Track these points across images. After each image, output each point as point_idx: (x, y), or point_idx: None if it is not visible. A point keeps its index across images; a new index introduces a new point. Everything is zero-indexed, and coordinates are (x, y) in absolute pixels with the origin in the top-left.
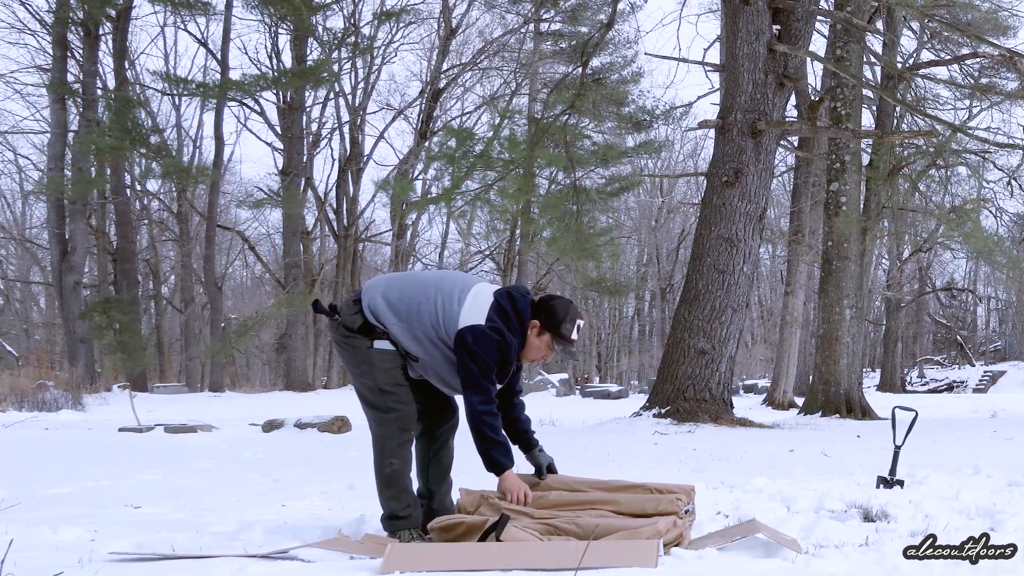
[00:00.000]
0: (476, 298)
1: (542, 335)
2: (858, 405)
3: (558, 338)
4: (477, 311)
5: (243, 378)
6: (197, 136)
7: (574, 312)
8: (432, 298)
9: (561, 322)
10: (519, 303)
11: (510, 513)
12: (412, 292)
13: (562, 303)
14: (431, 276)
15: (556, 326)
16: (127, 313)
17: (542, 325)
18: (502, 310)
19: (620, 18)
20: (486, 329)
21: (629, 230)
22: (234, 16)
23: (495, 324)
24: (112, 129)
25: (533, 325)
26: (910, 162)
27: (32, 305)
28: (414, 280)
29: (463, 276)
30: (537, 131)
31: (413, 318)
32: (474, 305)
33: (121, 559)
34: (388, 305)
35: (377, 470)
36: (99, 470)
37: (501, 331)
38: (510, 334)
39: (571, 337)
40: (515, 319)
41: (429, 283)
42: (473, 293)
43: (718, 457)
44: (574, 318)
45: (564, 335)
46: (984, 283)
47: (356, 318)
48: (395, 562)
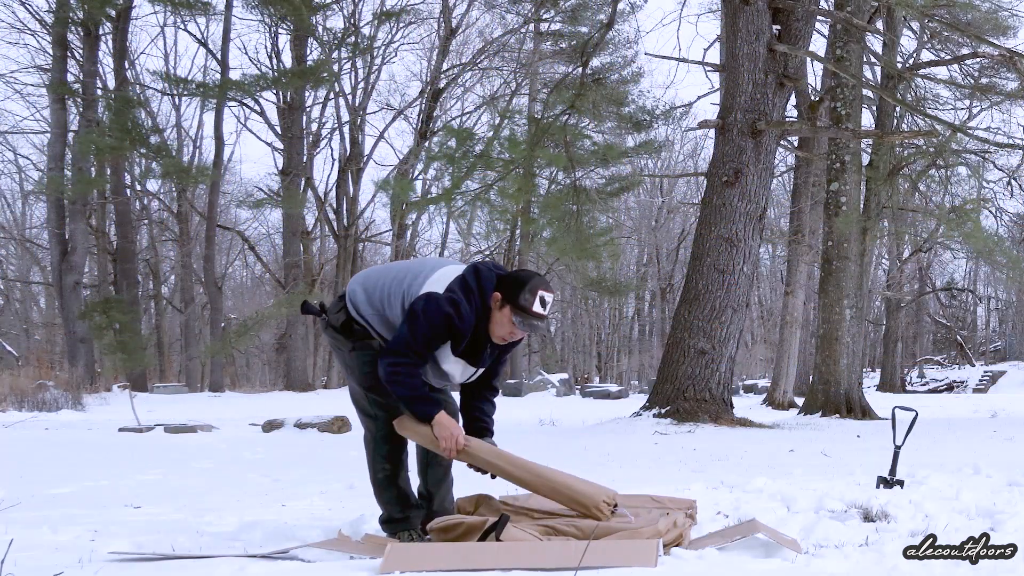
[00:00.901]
0: (443, 274)
1: (503, 308)
2: (858, 405)
3: (517, 309)
4: (440, 283)
5: (243, 378)
6: (197, 136)
7: (537, 284)
8: (402, 281)
9: (519, 292)
10: (483, 275)
11: (510, 513)
12: (386, 280)
13: (526, 274)
14: (410, 263)
15: (515, 296)
16: (127, 313)
17: (503, 297)
18: (464, 282)
19: (620, 18)
20: (441, 297)
21: (629, 230)
22: (234, 16)
23: (453, 295)
24: (112, 129)
25: (495, 298)
26: (910, 162)
27: (32, 305)
28: (393, 269)
29: (441, 261)
30: (537, 131)
31: (386, 305)
32: (441, 278)
33: (121, 559)
34: (366, 295)
35: (371, 474)
36: (99, 470)
37: (457, 302)
38: (467, 306)
39: (531, 309)
40: (476, 291)
41: (404, 269)
42: (441, 271)
43: (718, 457)
44: (535, 289)
45: (522, 306)
46: (984, 283)
47: (340, 315)
48: (395, 562)
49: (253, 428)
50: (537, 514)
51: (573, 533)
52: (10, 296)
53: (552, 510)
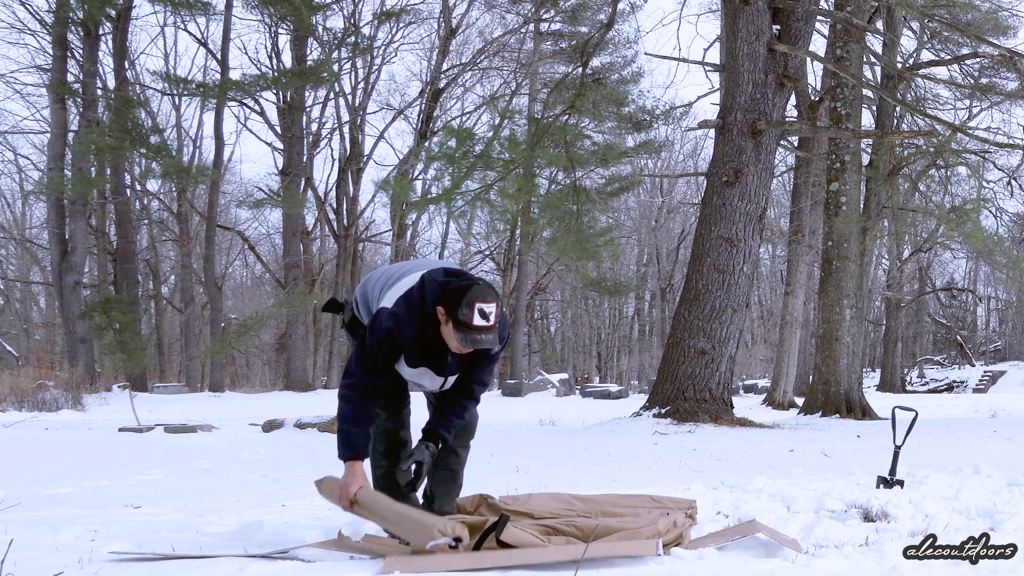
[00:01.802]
0: (402, 285)
1: (447, 322)
2: (858, 405)
3: (458, 325)
4: (393, 295)
5: (243, 378)
6: (197, 136)
7: (473, 296)
8: (383, 288)
9: (458, 307)
10: (427, 288)
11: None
12: (379, 283)
13: (462, 286)
14: (397, 267)
15: (454, 312)
16: (127, 313)
17: (446, 311)
18: (409, 295)
19: (620, 18)
20: (387, 312)
21: (629, 230)
22: (234, 16)
23: (396, 310)
24: (112, 129)
25: (440, 312)
26: (910, 162)
27: (32, 305)
28: (390, 270)
29: (423, 263)
30: (537, 131)
31: (372, 307)
32: (397, 291)
33: (121, 559)
34: (363, 296)
35: (372, 474)
36: (99, 470)
37: (398, 317)
38: (409, 320)
39: (471, 323)
40: (418, 305)
41: (388, 274)
42: (403, 281)
43: (718, 457)
44: (472, 303)
45: (462, 321)
46: (984, 283)
47: (348, 314)
48: (396, 562)
49: (253, 428)
50: (537, 514)
51: (573, 533)
52: (10, 296)
53: (553, 511)
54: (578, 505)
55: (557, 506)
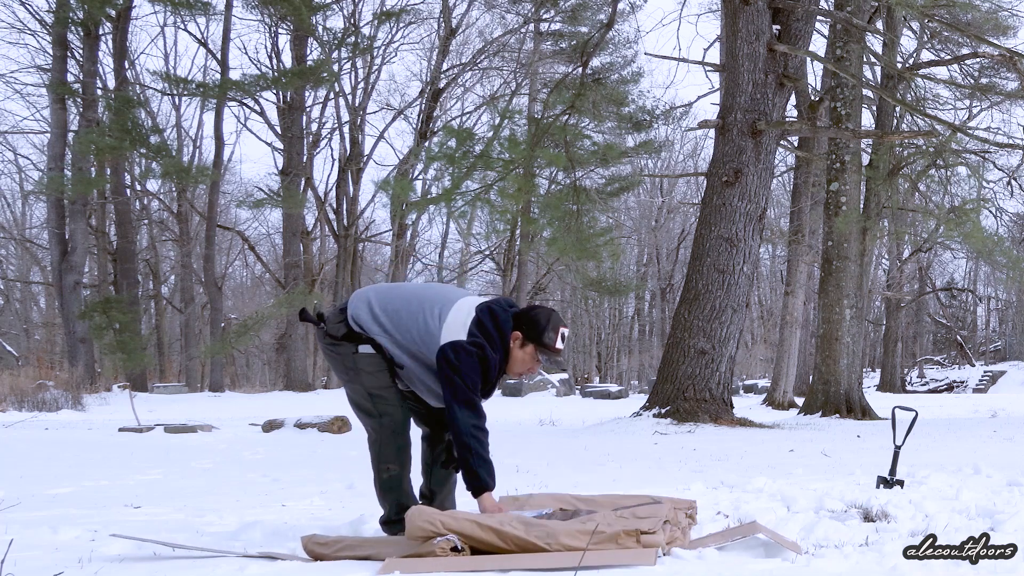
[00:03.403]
0: (457, 314)
1: (525, 346)
2: (858, 405)
3: (541, 348)
4: (458, 327)
5: (243, 378)
6: (197, 136)
7: (556, 320)
8: (415, 313)
9: (543, 331)
10: (500, 316)
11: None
12: (396, 304)
13: (543, 312)
14: (416, 289)
15: (538, 336)
16: (127, 313)
17: (524, 336)
18: (483, 325)
19: (620, 18)
20: (467, 344)
21: (629, 230)
22: (234, 16)
23: (476, 339)
24: (112, 129)
25: (515, 337)
26: (910, 162)
27: (32, 305)
28: (399, 292)
29: (447, 290)
30: (537, 131)
31: (395, 330)
32: (455, 321)
33: (121, 559)
34: (372, 316)
35: (375, 475)
36: (99, 470)
37: (482, 346)
38: (491, 349)
39: (555, 346)
40: (495, 333)
41: (413, 297)
42: (455, 309)
43: (718, 457)
44: (557, 326)
45: (547, 344)
46: (984, 283)
47: (340, 327)
48: (395, 563)
49: (253, 428)
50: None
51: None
52: (10, 296)
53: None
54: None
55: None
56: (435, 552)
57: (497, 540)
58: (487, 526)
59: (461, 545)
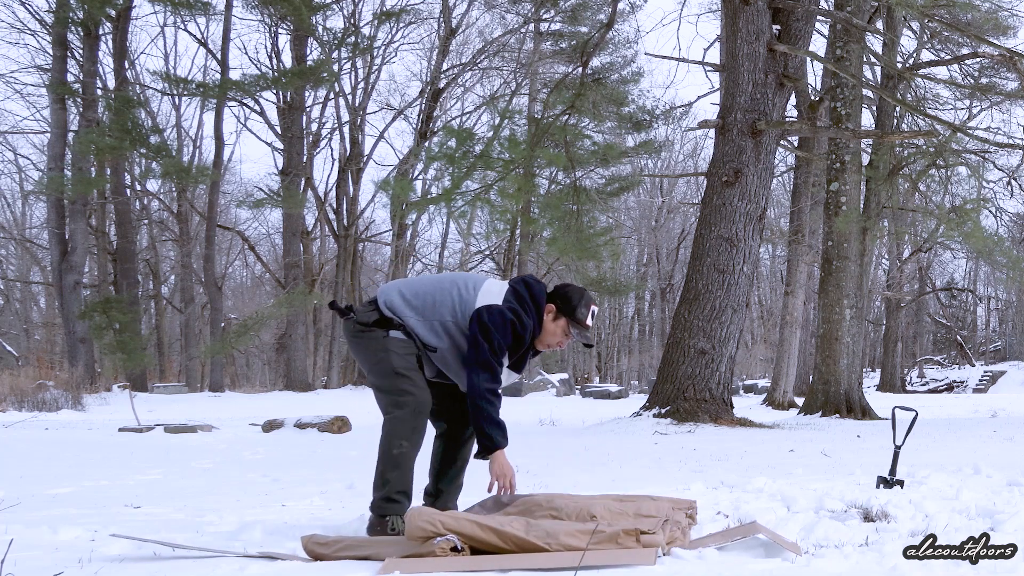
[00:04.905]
0: (491, 286)
1: (558, 319)
2: (858, 405)
3: (574, 322)
4: (494, 295)
5: (243, 378)
6: (197, 136)
7: (588, 298)
8: (448, 289)
9: (576, 306)
10: (535, 288)
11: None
12: (427, 288)
13: (576, 289)
14: (445, 275)
15: (572, 310)
16: (127, 313)
17: (558, 309)
18: (518, 294)
19: (620, 18)
20: (503, 308)
21: (629, 230)
22: (234, 16)
23: (512, 305)
24: (112, 129)
25: (549, 309)
26: (910, 162)
27: (32, 305)
28: (428, 279)
29: (475, 274)
30: (537, 131)
31: (429, 310)
32: (490, 291)
33: (121, 558)
34: (404, 301)
35: (384, 451)
36: (99, 470)
37: (517, 311)
38: (526, 316)
39: (587, 322)
40: (531, 303)
41: (444, 279)
42: (488, 283)
43: (718, 457)
44: (589, 303)
45: (580, 319)
46: (984, 283)
47: (372, 314)
48: (395, 563)
49: (253, 428)
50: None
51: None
52: (10, 296)
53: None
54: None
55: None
56: (435, 552)
57: (497, 540)
58: (487, 526)
59: (461, 545)
